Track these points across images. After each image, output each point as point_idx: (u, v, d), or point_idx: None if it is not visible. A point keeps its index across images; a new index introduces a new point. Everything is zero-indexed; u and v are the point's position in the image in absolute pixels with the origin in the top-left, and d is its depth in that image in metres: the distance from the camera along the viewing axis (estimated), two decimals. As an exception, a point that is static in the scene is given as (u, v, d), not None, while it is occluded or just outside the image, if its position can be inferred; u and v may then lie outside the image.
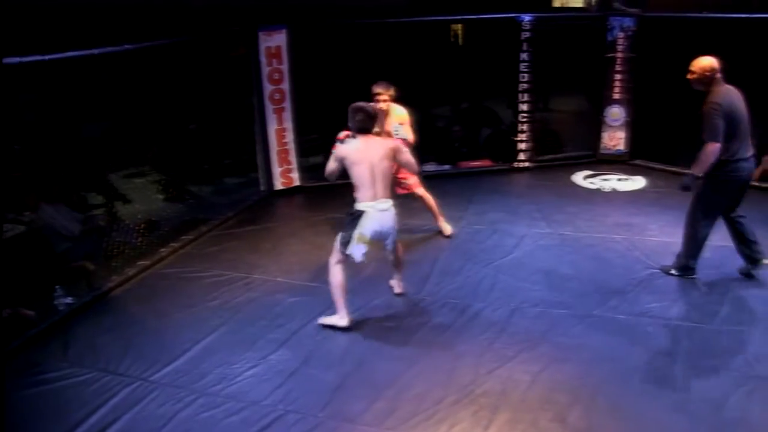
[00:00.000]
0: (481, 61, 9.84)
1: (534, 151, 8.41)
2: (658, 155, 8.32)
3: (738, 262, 5.24)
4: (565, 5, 11.85)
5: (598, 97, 8.68)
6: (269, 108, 7.40)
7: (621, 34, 8.26)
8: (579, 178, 7.93)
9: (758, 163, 7.42)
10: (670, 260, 5.39)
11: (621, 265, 5.52)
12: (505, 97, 9.00)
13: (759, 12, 7.34)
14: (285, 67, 7.36)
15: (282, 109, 7.47)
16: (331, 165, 4.47)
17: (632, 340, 4.39)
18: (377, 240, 4.48)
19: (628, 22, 8.19)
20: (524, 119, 8.29)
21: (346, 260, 4.51)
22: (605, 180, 7.82)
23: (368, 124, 4.45)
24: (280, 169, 7.60)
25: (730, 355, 4.19)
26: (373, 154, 4.39)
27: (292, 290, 5.22)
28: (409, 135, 5.55)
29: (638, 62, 8.23)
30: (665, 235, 6.04)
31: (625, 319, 4.64)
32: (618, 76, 8.40)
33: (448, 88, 9.98)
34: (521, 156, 8.36)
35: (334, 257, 4.56)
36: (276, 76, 7.35)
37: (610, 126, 8.54)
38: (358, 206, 4.41)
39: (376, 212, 4.40)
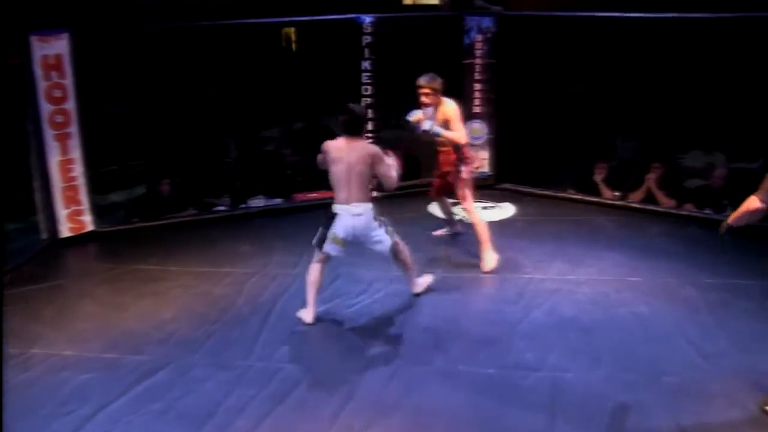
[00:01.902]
0: (318, 71, 10.06)
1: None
2: (528, 177, 8.86)
3: (625, 299, 5.73)
4: (417, 2, 12.44)
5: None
6: (49, 134, 7.09)
7: (479, 37, 8.75)
8: (438, 208, 8.24)
9: (639, 182, 8.24)
10: (547, 300, 5.76)
11: (490, 310, 5.79)
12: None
13: (638, 11, 7.94)
14: (68, 81, 7.10)
15: (66, 136, 7.18)
16: (319, 155, 5.38)
17: (505, 397, 4.57)
18: (353, 241, 5.40)
19: (487, 22, 8.68)
20: (370, 140, 8.53)
21: (326, 259, 5.47)
22: (465, 209, 8.17)
23: (353, 126, 5.30)
24: (66, 212, 7.29)
25: (620, 410, 4.43)
26: (352, 156, 5.20)
27: (83, 366, 5.00)
28: (455, 134, 6.21)
29: (500, 69, 8.73)
30: (539, 271, 6.41)
31: (495, 373, 4.82)
32: (477, 86, 8.86)
33: (279, 104, 10.10)
34: (369, 184, 8.59)
35: (315, 256, 5.50)
36: (57, 93, 7.06)
37: (472, 145, 8.93)
38: (334, 207, 5.35)
39: (349, 216, 5.29)
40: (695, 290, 5.98)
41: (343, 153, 5.25)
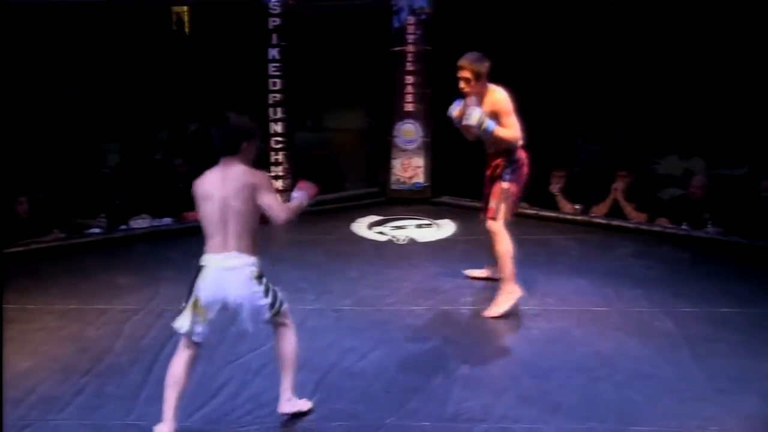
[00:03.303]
0: (217, 61, 9.99)
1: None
2: (471, 189, 8.89)
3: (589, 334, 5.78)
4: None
5: (383, 109, 9.16)
6: None
7: (411, 19, 8.85)
8: (362, 227, 8.28)
9: (605, 193, 8.38)
10: (494, 337, 5.78)
11: (424, 350, 5.78)
12: (254, 113, 9.20)
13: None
14: None
15: None
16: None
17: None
18: (216, 310, 4.56)
19: (420, 1, 8.80)
20: (278, 145, 8.50)
21: (192, 344, 4.62)
22: (399, 228, 8.26)
23: (227, 142, 4.57)
24: None
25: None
26: (228, 188, 4.49)
27: None
28: (508, 131, 5.86)
29: (437, 58, 8.79)
30: (485, 302, 6.41)
31: (431, 427, 4.81)
32: (409, 79, 8.93)
33: (169, 101, 9.99)
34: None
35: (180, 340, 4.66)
36: None
37: (404, 150, 9.04)
38: (202, 259, 4.55)
39: (218, 270, 4.49)
40: (672, 322, 6.08)
41: (216, 185, 4.53)
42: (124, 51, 9.59)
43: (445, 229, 8.25)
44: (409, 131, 8.98)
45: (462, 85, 5.88)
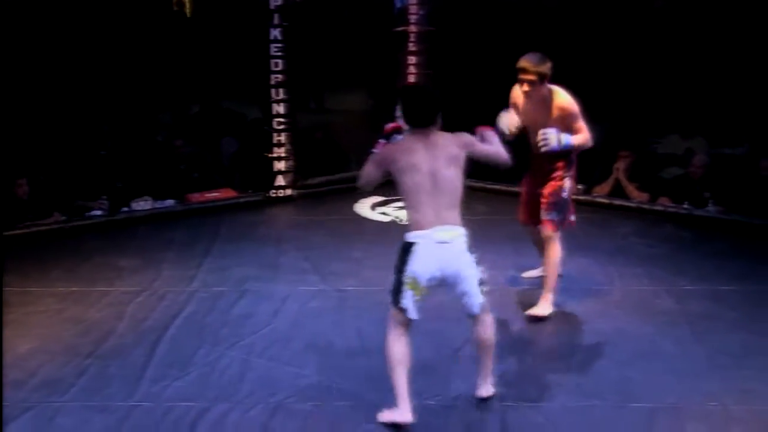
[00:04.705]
0: (218, 42, 9.98)
1: (299, 173, 8.64)
2: (475, 169, 8.84)
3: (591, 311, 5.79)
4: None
5: (387, 89, 9.15)
6: None
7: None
8: (366, 207, 8.30)
9: (606, 173, 8.37)
10: (497, 316, 5.74)
11: (427, 329, 5.75)
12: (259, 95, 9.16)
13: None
14: None
15: None
16: (369, 170, 4.51)
17: (446, 432, 4.59)
18: (435, 286, 4.48)
19: (422, -19, 8.73)
20: (281, 126, 8.49)
21: (408, 323, 4.52)
22: (402, 208, 8.17)
23: (422, 112, 4.40)
24: None
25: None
26: (436, 155, 4.35)
27: None
28: (581, 137, 5.49)
29: (439, 38, 8.83)
30: (488, 281, 6.40)
31: (435, 406, 4.82)
32: (412, 59, 8.91)
33: (171, 83, 9.98)
34: (280, 181, 8.58)
35: (391, 320, 4.56)
36: None
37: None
38: (408, 236, 4.38)
39: (432, 245, 4.32)
40: (673, 300, 6.10)
41: (420, 155, 4.35)
42: (124, 32, 9.56)
43: (449, 209, 8.24)
44: (411, 112, 8.95)
45: (526, 88, 5.47)
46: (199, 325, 5.80)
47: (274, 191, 8.53)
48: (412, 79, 8.89)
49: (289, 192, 8.56)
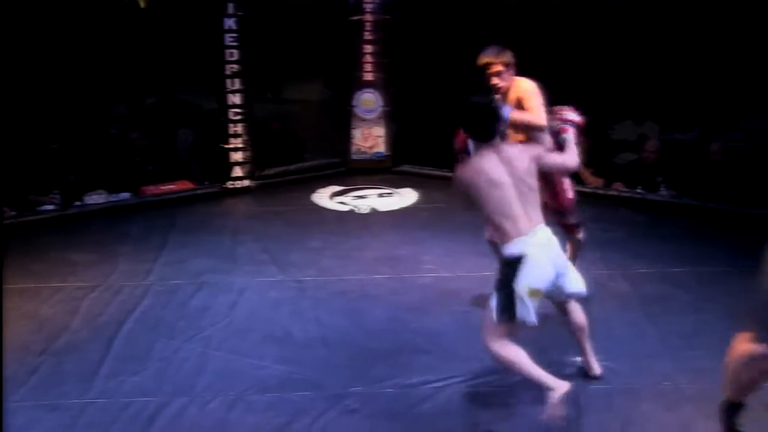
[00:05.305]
0: (173, 32, 9.88)
1: (256, 164, 8.60)
2: (431, 157, 8.93)
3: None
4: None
5: (344, 79, 9.13)
6: None
7: (370, -12, 8.79)
8: (324, 197, 8.28)
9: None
10: (455, 303, 5.79)
11: (387, 318, 5.78)
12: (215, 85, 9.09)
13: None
14: None
15: None
16: (461, 202, 4.64)
17: (409, 422, 4.58)
18: (549, 290, 4.43)
19: (377, -30, 8.72)
20: (238, 116, 8.44)
21: (517, 331, 4.41)
22: (361, 197, 8.25)
23: (493, 128, 4.46)
24: None
25: (543, 424, 4.47)
26: (518, 168, 4.40)
27: None
28: (521, 113, 5.19)
29: (396, 27, 8.83)
30: (446, 268, 6.50)
31: (395, 393, 4.83)
32: (368, 48, 8.90)
33: (125, 75, 9.88)
34: (237, 172, 8.53)
35: (493, 333, 4.42)
36: None
37: (364, 120, 9.02)
38: (510, 248, 4.33)
39: (541, 248, 4.33)
40: (628, 283, 6.17)
41: (501, 171, 4.38)
42: (77, 22, 9.44)
43: (406, 197, 8.26)
44: (368, 101, 8.97)
45: (495, 81, 5.29)
46: (156, 318, 5.76)
47: (231, 182, 8.49)
48: (368, 67, 8.89)
49: (246, 183, 8.53)
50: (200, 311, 5.87)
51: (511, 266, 4.33)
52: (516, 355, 4.39)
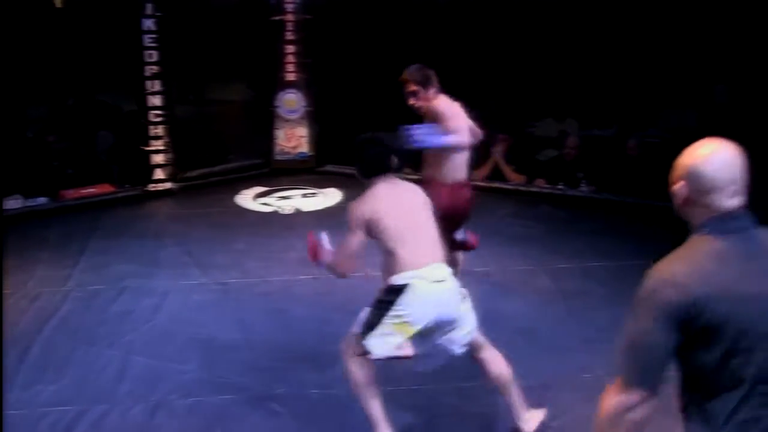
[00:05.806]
0: (92, 33, 9.75)
1: (178, 166, 8.52)
2: (353, 157, 8.95)
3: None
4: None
5: (266, 79, 9.11)
6: None
7: (290, -13, 8.78)
8: (248, 198, 8.26)
9: (484, 157, 8.50)
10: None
11: (311, 319, 5.79)
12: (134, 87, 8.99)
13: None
14: None
15: None
16: (353, 243, 4.20)
17: (333, 425, 4.60)
18: (430, 332, 4.11)
19: (297, -30, 8.72)
20: (158, 118, 8.35)
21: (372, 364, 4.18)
22: (285, 198, 8.24)
23: (390, 161, 4.25)
24: None
25: (463, 420, 4.57)
26: (414, 200, 4.27)
27: None
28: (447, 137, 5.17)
29: (317, 27, 8.84)
30: (373, 267, 6.44)
31: (319, 394, 4.84)
32: (290, 48, 8.90)
33: (41, 76, 9.72)
34: (159, 174, 8.44)
35: (352, 348, 4.21)
36: None
37: (287, 120, 9.01)
38: (397, 278, 4.07)
39: (429, 286, 4.05)
40: (549, 278, 6.29)
41: (395, 198, 4.22)
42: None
43: (330, 197, 8.29)
44: (291, 101, 8.97)
45: (412, 101, 5.33)
46: (76, 325, 5.68)
47: (152, 185, 8.41)
48: (290, 68, 8.88)
49: (168, 185, 8.45)
50: (122, 316, 5.80)
51: (392, 293, 4.11)
52: (364, 382, 4.23)
